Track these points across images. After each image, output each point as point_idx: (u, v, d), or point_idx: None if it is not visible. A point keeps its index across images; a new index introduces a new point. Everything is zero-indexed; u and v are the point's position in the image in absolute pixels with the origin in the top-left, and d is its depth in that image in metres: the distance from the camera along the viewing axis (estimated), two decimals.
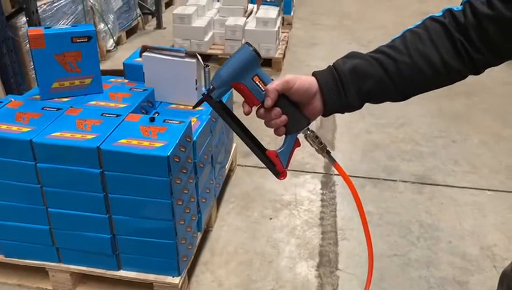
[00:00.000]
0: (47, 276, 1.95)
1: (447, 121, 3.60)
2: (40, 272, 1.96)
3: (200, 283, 2.06)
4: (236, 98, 1.89)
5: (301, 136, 0.90)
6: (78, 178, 1.71)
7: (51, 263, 1.92)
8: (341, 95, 0.86)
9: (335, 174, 2.85)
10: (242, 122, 0.91)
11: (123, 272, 1.90)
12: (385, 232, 2.40)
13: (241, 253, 2.24)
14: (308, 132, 0.90)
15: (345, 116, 3.32)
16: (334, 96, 0.87)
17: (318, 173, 2.89)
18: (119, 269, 1.90)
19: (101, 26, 4.43)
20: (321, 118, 0.91)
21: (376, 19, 6.11)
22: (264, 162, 0.91)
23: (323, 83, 0.86)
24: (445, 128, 3.48)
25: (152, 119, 1.85)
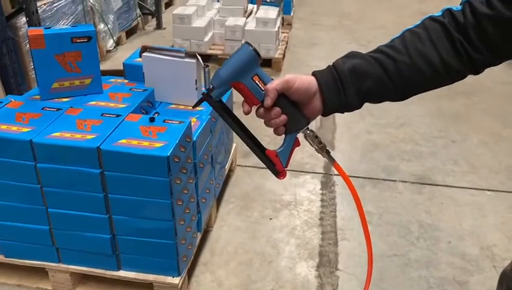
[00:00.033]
0: (47, 276, 1.95)
1: (446, 121, 3.60)
2: (40, 272, 1.96)
3: (200, 283, 2.06)
4: (236, 98, 1.89)
5: (301, 135, 0.90)
6: (78, 178, 1.72)
7: (51, 263, 1.92)
8: (341, 94, 0.87)
9: (335, 175, 2.85)
10: (242, 122, 0.91)
11: (123, 272, 1.90)
12: (385, 232, 2.40)
13: (241, 253, 2.24)
14: (307, 132, 0.90)
15: (345, 116, 3.32)
16: (333, 95, 0.87)
17: (318, 173, 2.89)
18: (119, 269, 1.90)
19: (101, 26, 4.43)
20: (321, 118, 0.92)
21: (376, 19, 6.11)
22: (263, 162, 0.91)
23: (323, 82, 0.87)
24: (445, 128, 3.48)
25: (152, 120, 1.85)
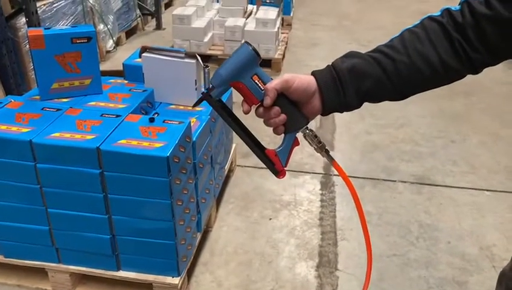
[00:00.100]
0: (46, 276, 1.95)
1: (446, 121, 3.60)
2: (40, 273, 1.96)
3: (200, 283, 2.06)
4: (235, 98, 1.89)
5: (300, 135, 0.90)
6: (77, 178, 1.72)
7: (51, 264, 1.92)
8: (340, 94, 0.87)
9: (334, 175, 2.85)
10: (241, 121, 0.91)
11: (122, 273, 1.90)
12: (384, 232, 2.40)
13: (240, 253, 2.24)
14: (307, 131, 0.90)
15: (345, 116, 3.32)
16: (332, 95, 0.87)
17: (317, 173, 2.89)
18: (118, 270, 1.90)
19: (101, 27, 4.43)
20: (320, 118, 0.92)
21: (375, 19, 6.12)
22: (263, 161, 0.91)
23: (322, 82, 0.87)
24: (444, 128, 3.49)
25: (152, 120, 1.86)
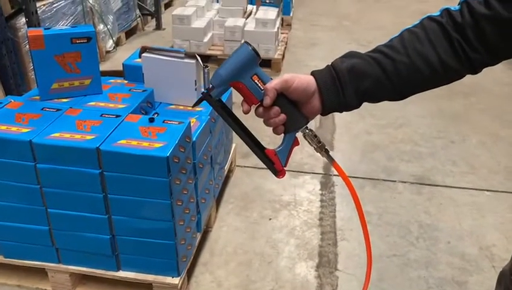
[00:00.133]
0: (46, 277, 1.95)
1: (445, 121, 3.61)
2: (40, 273, 1.96)
3: (200, 284, 2.06)
4: (235, 99, 1.90)
5: (300, 135, 0.91)
6: (77, 179, 1.72)
7: (51, 264, 1.92)
8: (339, 94, 0.87)
9: (334, 175, 2.85)
10: (241, 121, 0.91)
11: (122, 273, 1.90)
12: (384, 232, 2.40)
13: (240, 253, 2.24)
14: (306, 131, 0.90)
15: (344, 116, 3.31)
16: (332, 95, 0.87)
17: (317, 173, 2.89)
18: (118, 270, 1.90)
19: (101, 27, 4.44)
20: (320, 118, 0.92)
21: (375, 19, 6.12)
22: (262, 161, 0.91)
23: (322, 82, 0.87)
24: (444, 128, 3.49)
25: (151, 120, 1.86)
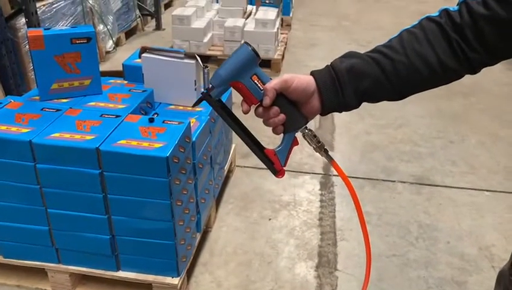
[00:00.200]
0: (46, 277, 1.95)
1: (445, 121, 3.61)
2: (39, 273, 1.97)
3: (199, 284, 2.06)
4: (235, 99, 1.90)
5: (299, 135, 0.91)
6: (77, 179, 1.72)
7: (50, 264, 1.92)
8: (338, 94, 0.87)
9: (334, 175, 2.86)
10: (241, 121, 0.92)
11: (122, 273, 1.90)
12: (384, 232, 2.40)
13: (240, 254, 2.24)
14: (306, 131, 0.90)
15: (344, 117, 3.31)
16: (331, 95, 0.87)
17: (317, 173, 2.89)
18: (118, 270, 1.90)
19: (100, 27, 4.44)
20: (320, 118, 0.92)
21: (374, 20, 6.12)
22: (262, 161, 0.92)
23: (321, 82, 0.87)
24: (444, 128, 3.49)
25: (151, 120, 1.86)
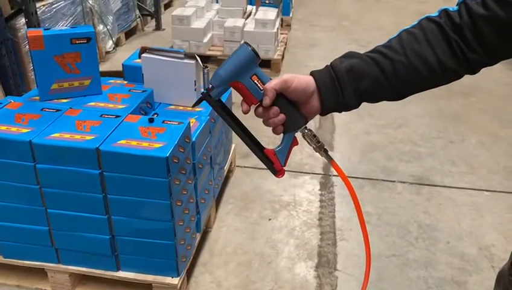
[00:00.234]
0: (46, 277, 1.95)
1: (445, 121, 3.61)
2: (39, 273, 1.97)
3: (199, 284, 2.07)
4: (235, 99, 1.90)
5: (299, 134, 0.91)
6: (77, 179, 1.72)
7: (50, 264, 1.92)
8: (338, 94, 0.87)
9: (334, 175, 2.86)
10: (241, 121, 0.92)
11: (122, 273, 1.90)
12: (384, 232, 2.40)
13: (240, 254, 2.25)
14: (305, 131, 0.90)
15: (344, 117, 3.31)
16: (331, 95, 0.88)
17: (317, 173, 2.90)
18: (118, 270, 1.90)
19: (100, 27, 4.44)
20: (320, 118, 0.93)
21: (374, 20, 6.12)
22: (262, 160, 0.92)
23: (321, 82, 0.87)
24: (443, 128, 3.49)
25: (151, 120, 1.86)
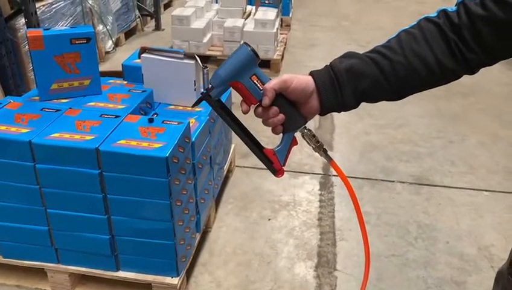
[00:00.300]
0: (46, 277, 1.95)
1: (444, 121, 3.61)
2: (39, 273, 1.97)
3: (199, 284, 2.07)
4: (234, 99, 1.90)
5: (298, 134, 0.91)
6: (77, 179, 1.72)
7: (50, 264, 1.92)
8: (337, 94, 0.88)
9: (333, 175, 2.86)
10: (240, 121, 0.92)
11: (122, 273, 1.90)
12: (383, 232, 2.41)
13: (239, 254, 2.25)
14: (305, 131, 0.91)
15: (343, 117, 3.31)
16: (330, 95, 0.88)
17: (316, 174, 2.90)
18: (118, 270, 1.90)
19: (100, 27, 4.44)
20: (319, 118, 0.93)
21: (374, 20, 6.13)
22: (261, 160, 0.92)
23: (320, 82, 0.88)
24: (443, 128, 3.49)
25: (151, 120, 1.86)
